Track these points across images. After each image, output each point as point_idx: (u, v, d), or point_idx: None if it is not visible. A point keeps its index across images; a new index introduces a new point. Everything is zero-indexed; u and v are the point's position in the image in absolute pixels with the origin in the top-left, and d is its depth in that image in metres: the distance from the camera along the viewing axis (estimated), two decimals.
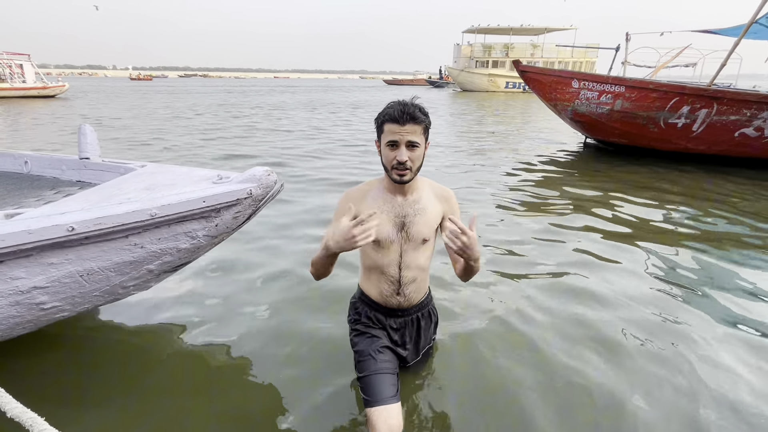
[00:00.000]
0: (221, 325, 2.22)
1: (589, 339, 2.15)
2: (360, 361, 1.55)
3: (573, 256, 3.18)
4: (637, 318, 2.36)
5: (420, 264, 1.56)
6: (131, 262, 1.61)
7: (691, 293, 2.65)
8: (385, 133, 1.38)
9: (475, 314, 2.35)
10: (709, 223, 3.99)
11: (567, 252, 3.25)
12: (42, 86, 22.43)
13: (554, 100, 7.83)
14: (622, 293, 2.62)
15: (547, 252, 3.25)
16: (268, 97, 25.70)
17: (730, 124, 6.35)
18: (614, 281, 2.79)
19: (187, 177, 1.80)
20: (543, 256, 3.16)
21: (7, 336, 1.61)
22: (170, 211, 1.51)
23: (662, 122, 6.74)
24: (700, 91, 6.36)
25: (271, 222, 3.73)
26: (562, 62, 36.29)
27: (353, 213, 1.31)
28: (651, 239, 3.53)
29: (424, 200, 1.52)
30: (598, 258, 3.14)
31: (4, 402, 1.07)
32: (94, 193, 1.73)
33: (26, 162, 2.49)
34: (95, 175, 2.27)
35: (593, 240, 3.51)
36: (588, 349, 2.07)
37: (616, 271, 2.95)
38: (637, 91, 6.73)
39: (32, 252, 1.41)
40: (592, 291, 2.65)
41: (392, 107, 1.37)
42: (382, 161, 1.45)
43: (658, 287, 2.72)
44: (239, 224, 1.71)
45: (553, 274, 2.89)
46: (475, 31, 39.12)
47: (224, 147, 7.82)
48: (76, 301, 1.63)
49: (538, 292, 2.60)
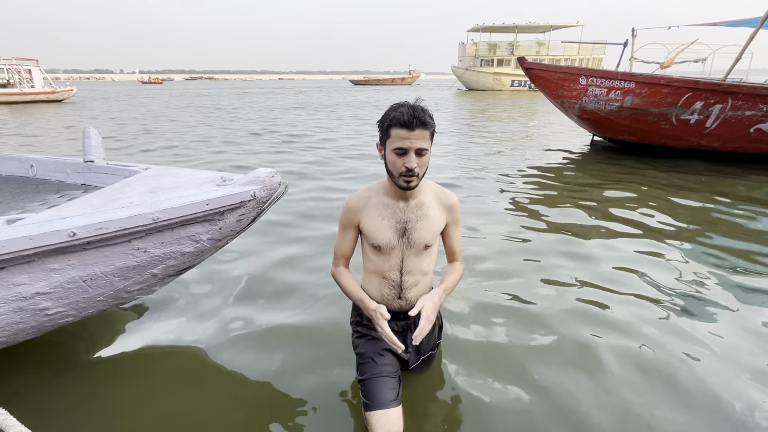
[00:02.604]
0: (221, 326, 2.20)
1: (595, 344, 2.10)
2: (361, 363, 1.52)
3: (581, 260, 3.12)
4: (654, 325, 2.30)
5: (422, 269, 1.53)
6: (135, 267, 1.59)
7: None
8: (393, 139, 1.32)
9: (480, 319, 2.30)
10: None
11: (575, 255, 3.19)
12: (50, 91, 22.74)
13: (561, 97, 7.69)
14: (635, 299, 2.56)
15: (555, 255, 3.19)
16: (337, 95, 25.12)
17: (746, 119, 6.17)
18: (625, 285, 2.73)
19: (190, 179, 1.78)
20: (549, 259, 3.11)
21: (12, 342, 1.60)
22: (173, 214, 1.49)
23: (674, 119, 6.57)
24: (714, 86, 6.17)
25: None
26: (569, 59, 36.01)
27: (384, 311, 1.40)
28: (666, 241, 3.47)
29: (427, 206, 1.49)
30: (606, 262, 3.08)
31: (9, 425, 1.04)
32: (97, 197, 1.71)
33: (32, 165, 2.49)
34: (100, 178, 2.26)
35: (604, 244, 3.44)
36: (594, 353, 2.02)
37: (628, 275, 2.89)
38: (648, 86, 6.56)
39: (34, 258, 1.39)
40: (600, 296, 2.59)
41: (400, 111, 1.30)
42: (386, 166, 1.40)
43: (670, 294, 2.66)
44: (243, 227, 1.68)
45: (557, 276, 2.83)
46: (480, 30, 38.95)
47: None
48: (80, 306, 1.61)
49: (543, 298, 2.54)
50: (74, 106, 19.68)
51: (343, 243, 1.57)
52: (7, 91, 21.15)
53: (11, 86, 21.78)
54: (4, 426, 1.01)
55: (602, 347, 2.06)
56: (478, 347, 2.06)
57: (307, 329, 2.19)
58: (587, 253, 3.18)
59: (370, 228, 1.48)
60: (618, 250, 3.23)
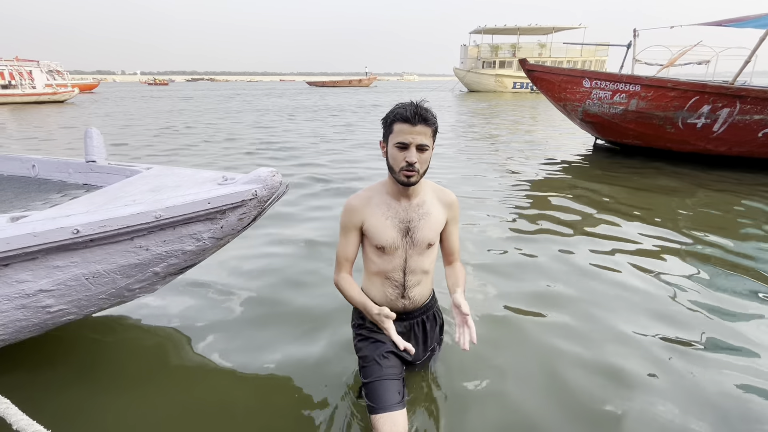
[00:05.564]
0: (220, 328, 2.20)
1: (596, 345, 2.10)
2: (364, 366, 1.52)
3: (581, 260, 3.12)
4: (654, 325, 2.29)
5: (424, 268, 1.54)
6: (137, 265, 1.60)
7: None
8: (395, 134, 1.36)
9: (482, 317, 2.31)
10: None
11: (576, 256, 3.19)
12: (52, 92, 22.84)
13: (563, 100, 7.65)
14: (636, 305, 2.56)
15: (555, 256, 3.19)
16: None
17: (754, 123, 6.04)
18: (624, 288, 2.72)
19: (192, 179, 1.79)
20: (549, 261, 3.11)
21: (14, 339, 1.61)
22: (175, 213, 1.50)
23: (680, 122, 6.47)
24: (722, 90, 6.04)
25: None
26: (571, 62, 35.96)
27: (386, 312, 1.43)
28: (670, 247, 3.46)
29: (428, 204, 1.50)
30: (608, 269, 3.08)
31: (10, 414, 1.05)
32: (100, 196, 1.72)
33: (33, 165, 2.50)
34: (101, 177, 2.27)
35: (605, 248, 3.44)
36: (595, 355, 2.02)
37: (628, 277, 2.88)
38: (654, 90, 6.47)
39: (37, 255, 1.40)
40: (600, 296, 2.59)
41: (404, 107, 1.34)
42: (387, 162, 1.42)
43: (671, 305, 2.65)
44: (244, 226, 1.69)
45: (557, 277, 2.83)
46: (482, 32, 38.98)
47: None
48: (82, 304, 1.62)
49: (543, 299, 2.55)
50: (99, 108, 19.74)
51: (346, 246, 1.55)
52: (9, 92, 21.28)
53: (13, 87, 21.90)
54: (6, 415, 1.02)
55: (604, 346, 2.06)
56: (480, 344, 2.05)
57: (309, 329, 2.20)
58: (588, 254, 3.18)
59: (374, 228, 1.48)
60: (619, 254, 3.23)
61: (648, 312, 2.39)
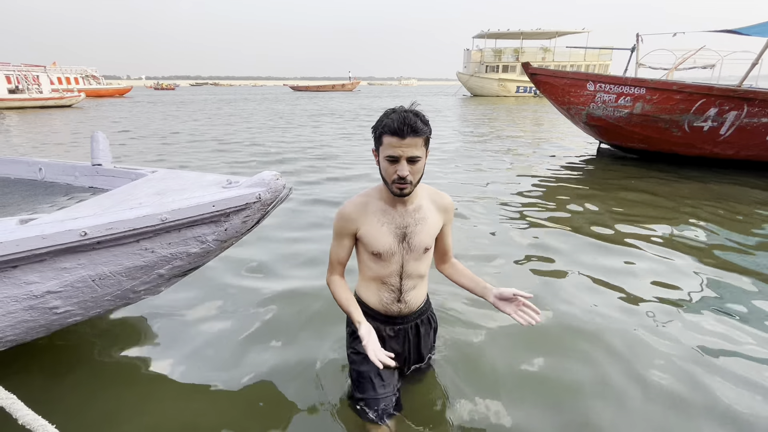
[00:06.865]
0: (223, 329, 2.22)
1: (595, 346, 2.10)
2: (360, 382, 1.51)
3: (581, 263, 3.12)
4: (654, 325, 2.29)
5: (420, 272, 1.52)
6: (142, 267, 1.62)
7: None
8: (384, 146, 1.29)
9: (476, 322, 2.31)
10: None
11: (575, 258, 3.19)
12: (58, 96, 23.11)
13: (567, 103, 7.61)
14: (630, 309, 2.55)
15: (555, 258, 3.19)
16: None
17: (762, 126, 6.00)
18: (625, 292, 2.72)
19: (196, 182, 1.81)
20: (548, 263, 3.11)
21: (21, 340, 1.63)
22: (180, 215, 1.51)
23: (687, 126, 6.40)
24: (729, 92, 5.99)
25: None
26: (574, 65, 35.89)
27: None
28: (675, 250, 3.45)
29: (425, 209, 1.47)
30: (610, 271, 3.07)
31: (16, 408, 1.07)
32: (106, 199, 1.75)
33: (40, 169, 2.53)
34: (107, 181, 2.30)
35: (605, 250, 3.43)
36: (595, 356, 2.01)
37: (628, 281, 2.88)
38: (660, 92, 6.39)
39: (46, 257, 1.42)
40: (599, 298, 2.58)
41: (392, 118, 1.27)
42: (380, 173, 1.37)
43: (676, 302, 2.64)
44: (248, 228, 1.71)
45: (557, 280, 2.83)
46: (486, 36, 39.06)
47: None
48: (88, 305, 1.64)
49: (542, 300, 2.54)
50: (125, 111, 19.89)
51: (339, 251, 1.52)
52: (17, 96, 21.54)
53: (20, 92, 22.19)
54: (12, 410, 1.04)
55: (607, 347, 2.06)
56: (475, 348, 2.06)
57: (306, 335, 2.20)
58: (587, 256, 3.18)
59: (370, 235, 1.43)
60: (620, 257, 3.22)
61: (648, 312, 2.38)
